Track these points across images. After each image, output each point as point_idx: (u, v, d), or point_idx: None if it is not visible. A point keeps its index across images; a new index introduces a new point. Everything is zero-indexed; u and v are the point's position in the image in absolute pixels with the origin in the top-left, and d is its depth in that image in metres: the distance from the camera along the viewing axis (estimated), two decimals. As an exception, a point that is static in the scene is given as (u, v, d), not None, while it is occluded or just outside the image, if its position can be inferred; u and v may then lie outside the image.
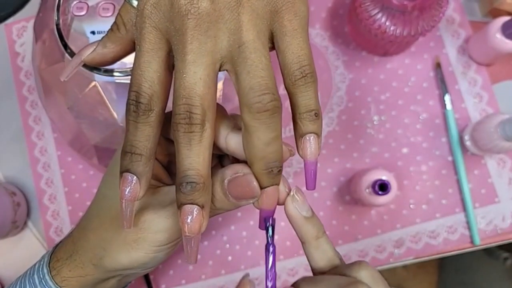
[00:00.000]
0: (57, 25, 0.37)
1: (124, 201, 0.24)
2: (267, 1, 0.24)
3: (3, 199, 0.47)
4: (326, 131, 0.50)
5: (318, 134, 0.25)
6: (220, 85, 0.41)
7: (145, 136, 0.24)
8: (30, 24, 0.54)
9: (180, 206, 0.23)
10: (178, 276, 0.49)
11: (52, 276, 0.30)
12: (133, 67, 0.24)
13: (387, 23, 0.43)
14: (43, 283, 0.30)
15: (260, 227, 0.28)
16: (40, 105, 0.52)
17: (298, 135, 0.25)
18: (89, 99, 0.39)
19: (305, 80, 0.24)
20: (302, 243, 0.29)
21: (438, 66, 0.50)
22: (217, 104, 0.25)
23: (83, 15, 0.37)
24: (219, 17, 0.23)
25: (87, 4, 0.38)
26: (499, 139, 0.43)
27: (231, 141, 0.25)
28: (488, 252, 0.76)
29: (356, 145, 0.50)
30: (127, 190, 0.24)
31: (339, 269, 0.28)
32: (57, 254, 0.31)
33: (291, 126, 0.26)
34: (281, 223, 0.49)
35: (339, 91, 0.51)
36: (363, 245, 0.48)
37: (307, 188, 0.26)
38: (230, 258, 0.49)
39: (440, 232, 0.48)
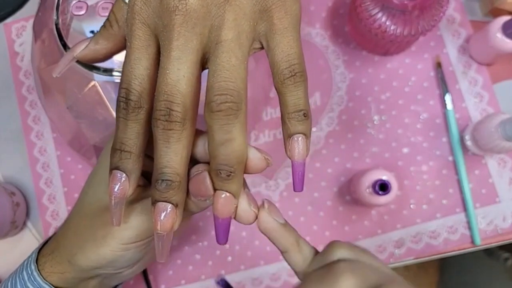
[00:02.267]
0: (57, 24, 0.37)
1: (113, 198, 0.24)
2: (257, 0, 0.23)
3: (2, 199, 0.47)
4: (326, 131, 0.50)
5: (306, 135, 0.25)
6: None
7: (135, 134, 0.24)
8: (30, 24, 0.54)
9: (154, 202, 0.23)
10: (178, 276, 0.49)
11: (39, 272, 0.30)
12: (123, 64, 0.24)
13: (388, 23, 0.43)
14: (31, 279, 0.30)
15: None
16: (40, 105, 0.52)
17: (286, 135, 0.25)
18: (89, 99, 0.39)
19: (294, 79, 0.24)
20: (283, 252, 0.29)
21: (438, 65, 0.50)
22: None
23: (82, 14, 0.37)
24: (206, 13, 0.23)
25: (86, 3, 0.37)
26: (499, 139, 0.43)
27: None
28: (489, 252, 0.76)
29: (356, 145, 0.50)
30: (116, 187, 0.24)
31: (317, 261, 0.27)
32: (42, 250, 0.31)
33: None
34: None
35: (339, 91, 0.51)
36: (364, 245, 0.48)
37: (294, 190, 0.26)
38: (229, 258, 0.49)
39: (441, 232, 0.48)
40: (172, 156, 0.23)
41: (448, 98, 0.49)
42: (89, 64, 0.36)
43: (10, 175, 0.52)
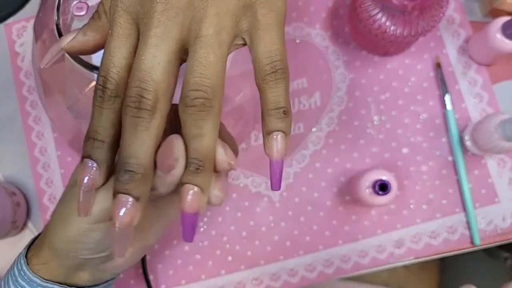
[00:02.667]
0: (57, 25, 0.37)
1: (82, 187, 0.23)
2: None
3: (2, 199, 0.47)
4: (326, 131, 0.50)
5: (286, 133, 0.24)
6: None
7: (109, 123, 0.23)
8: (30, 24, 0.54)
9: (115, 194, 0.23)
10: (178, 276, 0.49)
11: (29, 266, 0.30)
12: (103, 52, 0.23)
13: (387, 23, 0.43)
14: (21, 274, 0.30)
15: None
16: (40, 105, 0.52)
17: (265, 132, 0.24)
18: (89, 99, 0.39)
19: (275, 76, 0.23)
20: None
21: (438, 66, 0.50)
22: None
23: (83, 15, 0.37)
24: (189, 4, 0.22)
25: (87, 4, 0.38)
26: (499, 139, 0.43)
27: None
28: (489, 252, 0.76)
29: (356, 145, 0.50)
30: (86, 177, 0.23)
31: None
32: (31, 246, 0.31)
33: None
34: (281, 223, 0.49)
35: (339, 91, 0.51)
36: (363, 245, 0.48)
37: (272, 189, 0.25)
38: (230, 258, 0.49)
39: (440, 232, 0.48)
40: (138, 145, 0.22)
41: (447, 98, 0.49)
42: (90, 64, 0.36)
43: (10, 175, 0.52)
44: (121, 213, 0.22)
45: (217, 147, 0.24)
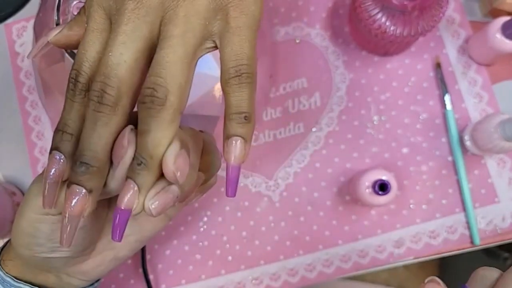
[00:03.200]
0: (57, 25, 0.37)
1: (48, 180, 0.23)
2: None
3: (2, 199, 0.47)
4: (326, 131, 0.50)
5: (246, 139, 0.24)
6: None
7: (79, 117, 0.23)
8: (30, 24, 0.54)
9: (68, 184, 0.23)
10: (178, 276, 0.49)
11: (1, 266, 0.30)
12: (79, 45, 0.24)
13: (387, 23, 0.43)
14: None
15: None
16: (40, 105, 0.52)
17: (225, 136, 0.24)
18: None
19: (239, 80, 0.23)
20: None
21: (438, 66, 0.50)
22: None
23: (83, 15, 0.37)
24: (159, 4, 0.23)
25: (87, 4, 0.38)
26: (499, 139, 0.43)
27: None
28: (488, 252, 0.76)
29: (356, 145, 0.50)
30: (53, 170, 0.23)
31: None
32: (5, 246, 0.31)
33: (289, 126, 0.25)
34: (281, 223, 0.49)
35: (339, 91, 0.51)
36: (363, 245, 0.48)
37: (227, 195, 0.24)
38: (230, 258, 0.49)
39: (440, 232, 0.48)
40: (96, 139, 0.22)
41: (447, 98, 0.49)
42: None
43: (10, 175, 0.52)
44: (73, 202, 0.22)
45: (168, 151, 0.23)
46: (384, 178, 0.44)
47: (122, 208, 0.23)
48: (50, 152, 0.24)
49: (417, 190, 0.49)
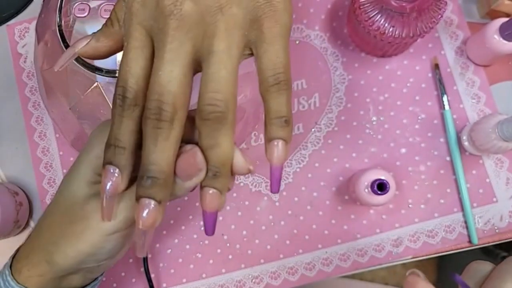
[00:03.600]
0: (59, 26, 0.38)
1: (105, 193, 0.25)
2: (248, 10, 0.24)
3: (5, 199, 0.47)
4: (325, 132, 0.51)
5: (286, 141, 0.25)
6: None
7: (129, 130, 0.24)
8: (32, 25, 0.55)
9: (138, 198, 0.24)
10: (179, 275, 0.50)
11: (14, 277, 0.29)
12: (120, 63, 0.24)
13: (386, 25, 0.43)
14: (6, 285, 0.30)
15: None
16: (42, 106, 0.53)
17: (267, 139, 0.26)
18: (91, 100, 0.40)
19: (279, 87, 0.25)
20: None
21: (436, 67, 0.50)
22: None
23: (84, 16, 0.38)
24: (200, 20, 0.24)
25: (88, 5, 0.38)
26: (496, 140, 0.43)
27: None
28: (486, 251, 0.77)
29: (355, 145, 0.50)
30: (109, 183, 0.24)
31: None
32: (17, 255, 0.31)
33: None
34: (281, 222, 0.50)
35: (338, 92, 0.51)
36: (362, 244, 0.49)
37: (271, 191, 0.27)
38: (230, 257, 0.50)
39: (439, 232, 0.48)
40: (159, 154, 0.23)
41: (445, 99, 0.50)
42: (92, 66, 0.36)
43: (13, 175, 0.53)
44: (145, 214, 0.24)
45: (235, 154, 0.25)
46: (382, 178, 0.44)
47: (210, 212, 0.25)
48: (103, 167, 0.25)
49: (416, 189, 0.49)
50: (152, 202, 0.24)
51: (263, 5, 0.24)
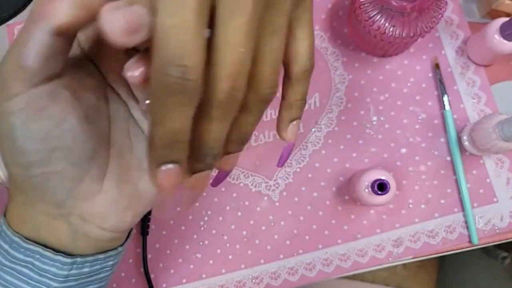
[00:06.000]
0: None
1: (166, 192, 0.22)
2: None
3: (5, 199, 0.47)
4: (326, 132, 0.51)
5: (300, 119, 0.28)
6: None
7: (188, 121, 0.20)
8: (32, 25, 0.55)
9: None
10: (179, 275, 0.50)
11: (8, 225, 0.27)
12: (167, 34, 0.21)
13: (386, 25, 0.43)
14: (2, 234, 0.27)
15: None
16: (42, 106, 0.52)
17: (288, 119, 0.27)
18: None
19: (309, 73, 0.26)
20: None
21: (436, 67, 0.50)
22: None
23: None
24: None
25: (88, 5, 0.38)
26: (497, 139, 0.43)
27: None
28: (487, 251, 0.77)
29: (355, 145, 0.50)
30: (171, 183, 0.21)
31: None
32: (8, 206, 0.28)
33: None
34: (281, 222, 0.50)
35: (338, 92, 0.51)
36: (362, 245, 0.49)
37: (278, 165, 0.30)
38: (230, 257, 0.50)
39: (439, 232, 0.48)
40: (218, 133, 0.21)
41: (446, 99, 0.49)
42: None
43: (12, 175, 0.53)
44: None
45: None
46: (383, 178, 0.44)
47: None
48: (158, 166, 0.21)
49: (416, 190, 0.49)
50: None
51: None
